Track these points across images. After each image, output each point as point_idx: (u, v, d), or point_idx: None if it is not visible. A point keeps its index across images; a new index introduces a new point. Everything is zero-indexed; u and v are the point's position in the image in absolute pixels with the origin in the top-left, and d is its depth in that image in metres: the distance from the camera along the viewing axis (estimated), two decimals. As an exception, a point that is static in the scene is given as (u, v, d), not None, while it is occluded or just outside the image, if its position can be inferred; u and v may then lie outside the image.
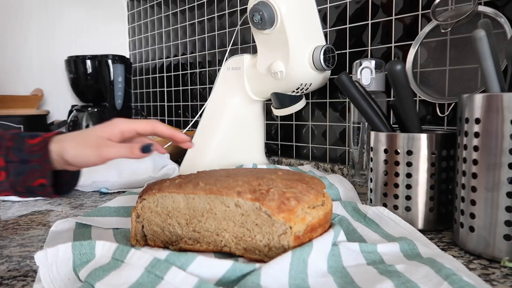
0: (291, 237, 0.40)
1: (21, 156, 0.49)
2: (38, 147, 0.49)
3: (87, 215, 0.60)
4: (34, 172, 0.49)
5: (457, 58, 0.73)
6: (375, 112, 0.61)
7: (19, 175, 0.49)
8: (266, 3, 0.80)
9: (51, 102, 1.68)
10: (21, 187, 0.50)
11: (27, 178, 0.49)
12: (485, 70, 0.47)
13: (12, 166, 0.48)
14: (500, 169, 0.44)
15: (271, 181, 0.45)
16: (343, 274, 0.40)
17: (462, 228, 0.49)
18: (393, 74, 0.54)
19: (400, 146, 0.56)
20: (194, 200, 0.45)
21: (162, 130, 0.53)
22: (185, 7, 1.46)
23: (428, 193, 0.56)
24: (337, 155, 0.99)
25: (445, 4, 0.74)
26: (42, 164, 0.49)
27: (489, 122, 0.45)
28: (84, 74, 1.55)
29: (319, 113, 1.02)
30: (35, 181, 0.49)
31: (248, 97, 0.94)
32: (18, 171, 0.48)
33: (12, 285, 0.40)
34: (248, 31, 1.19)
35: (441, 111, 0.77)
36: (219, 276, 0.37)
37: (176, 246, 0.47)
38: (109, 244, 0.40)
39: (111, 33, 1.80)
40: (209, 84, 1.38)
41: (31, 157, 0.49)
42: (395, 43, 0.84)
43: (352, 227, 0.54)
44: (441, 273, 0.37)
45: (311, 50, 0.82)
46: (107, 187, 0.86)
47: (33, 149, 0.49)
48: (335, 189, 0.72)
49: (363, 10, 0.90)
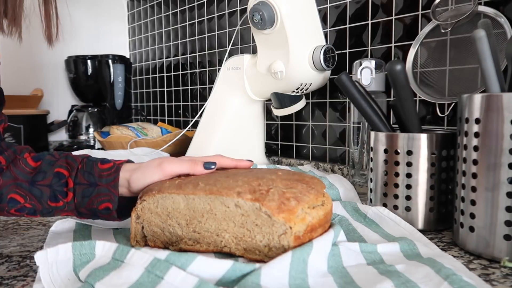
0: (291, 237, 0.40)
1: (90, 179, 0.50)
2: (108, 172, 0.51)
3: (87, 215, 0.60)
4: (100, 196, 0.50)
5: (457, 58, 0.73)
6: (375, 112, 0.61)
7: (85, 197, 0.50)
8: (266, 3, 0.80)
9: (51, 102, 1.68)
10: (86, 209, 0.51)
11: (93, 200, 0.50)
12: (485, 70, 0.47)
13: (80, 188, 0.50)
14: (500, 169, 0.44)
15: (271, 181, 0.45)
16: (343, 274, 0.40)
17: (462, 228, 0.49)
18: (393, 74, 0.54)
19: (400, 146, 0.56)
20: (194, 200, 0.45)
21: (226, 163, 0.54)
22: (185, 7, 1.46)
23: (428, 193, 0.56)
24: (337, 155, 0.99)
25: (445, 4, 0.74)
26: (110, 189, 0.50)
27: (489, 122, 0.45)
28: (84, 74, 1.55)
29: (319, 113, 1.02)
30: (100, 204, 0.50)
31: (248, 97, 0.94)
32: (85, 193, 0.50)
33: (12, 285, 0.40)
34: (248, 31, 1.19)
35: (441, 111, 0.77)
36: (219, 276, 0.37)
37: (176, 247, 0.47)
38: (109, 245, 0.40)
39: (111, 33, 1.80)
40: (209, 84, 1.38)
41: (100, 181, 0.50)
42: (395, 43, 0.84)
43: (352, 227, 0.54)
44: (441, 273, 0.37)
45: (311, 50, 0.82)
46: (107, 187, 0.86)
47: (102, 173, 0.51)
48: (335, 189, 0.72)
49: (363, 10, 0.90)
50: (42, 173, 0.50)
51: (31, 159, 0.51)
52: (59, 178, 0.50)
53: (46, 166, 0.50)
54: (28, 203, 0.50)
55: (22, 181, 0.49)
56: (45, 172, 0.50)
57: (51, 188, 0.50)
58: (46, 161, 0.51)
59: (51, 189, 0.50)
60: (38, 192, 0.49)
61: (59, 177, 0.50)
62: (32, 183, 0.49)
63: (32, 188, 0.49)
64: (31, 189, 0.49)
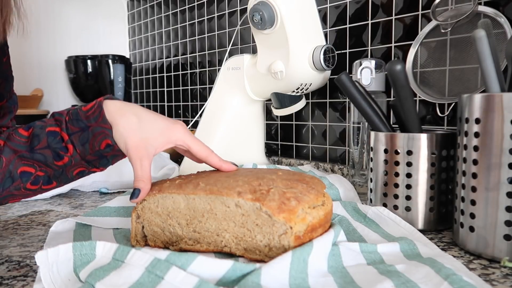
0: (292, 237, 0.40)
1: (80, 124, 0.49)
2: (92, 111, 0.49)
3: (87, 215, 0.60)
4: (96, 136, 0.49)
5: (457, 58, 0.73)
6: (375, 112, 0.61)
7: (85, 144, 0.49)
8: (266, 3, 0.80)
9: (51, 102, 1.68)
10: (91, 155, 0.50)
11: (93, 143, 0.49)
12: (485, 70, 0.47)
13: (76, 137, 0.49)
14: (500, 169, 0.44)
15: (271, 181, 0.45)
16: (343, 274, 0.40)
17: (462, 228, 0.49)
18: (393, 74, 0.54)
19: (400, 146, 0.56)
20: (194, 200, 0.45)
21: (214, 162, 0.52)
22: (185, 7, 1.46)
23: (428, 193, 0.56)
24: (337, 155, 0.99)
25: (445, 4, 0.74)
26: (100, 125, 0.49)
27: (489, 122, 0.45)
28: (84, 74, 1.55)
29: (319, 113, 1.02)
30: (101, 144, 0.49)
31: (248, 97, 0.94)
32: (82, 140, 0.49)
33: (12, 285, 0.40)
34: (248, 31, 1.19)
35: (441, 111, 0.77)
36: (220, 276, 0.37)
37: (176, 247, 0.47)
38: (110, 245, 0.40)
39: (111, 33, 1.80)
40: (209, 84, 1.38)
41: (89, 122, 0.49)
42: (395, 43, 0.84)
43: (352, 227, 0.54)
44: (441, 273, 0.37)
45: (311, 50, 0.82)
46: (107, 187, 0.86)
47: (88, 114, 0.49)
48: (335, 189, 0.72)
49: (363, 10, 0.90)
50: (36, 137, 0.49)
51: (22, 129, 0.51)
52: (53, 137, 0.49)
53: (38, 130, 0.50)
54: (39, 171, 0.50)
55: (22, 151, 0.49)
56: (38, 136, 0.49)
57: (50, 148, 0.49)
58: (37, 126, 0.51)
59: (51, 149, 0.49)
60: (41, 156, 0.49)
61: (53, 136, 0.49)
62: (31, 150, 0.49)
63: (33, 155, 0.49)
64: (33, 156, 0.49)
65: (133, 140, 0.48)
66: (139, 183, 0.47)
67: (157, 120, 0.50)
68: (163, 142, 0.49)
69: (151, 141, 0.49)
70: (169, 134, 0.50)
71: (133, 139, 0.48)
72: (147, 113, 0.50)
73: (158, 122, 0.50)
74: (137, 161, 0.48)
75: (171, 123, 0.51)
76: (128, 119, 0.49)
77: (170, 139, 0.50)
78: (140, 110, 0.51)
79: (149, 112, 0.51)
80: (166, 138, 0.49)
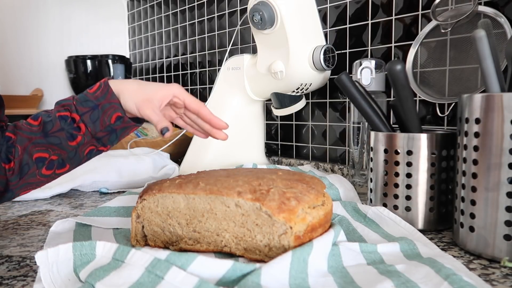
0: (292, 237, 0.40)
1: (89, 104, 0.54)
2: (100, 90, 0.55)
3: (87, 215, 0.60)
4: (106, 112, 0.54)
5: (457, 58, 0.73)
6: (375, 112, 0.61)
7: (95, 121, 0.54)
8: (266, 3, 0.80)
9: (51, 102, 1.68)
10: (102, 132, 0.55)
11: (103, 119, 0.54)
12: (485, 70, 0.47)
13: (87, 116, 0.54)
14: (500, 169, 0.44)
15: (271, 181, 0.45)
16: (343, 274, 0.40)
17: (462, 228, 0.49)
18: (393, 74, 0.54)
19: (400, 146, 0.56)
20: (194, 200, 0.45)
21: (204, 113, 0.59)
22: (185, 7, 1.46)
23: (428, 193, 0.56)
24: (337, 155, 0.99)
25: (445, 4, 0.74)
26: (110, 101, 0.54)
27: (489, 122, 0.45)
28: (84, 74, 1.55)
29: (319, 113, 1.02)
30: (111, 118, 0.54)
31: (248, 97, 0.94)
32: (93, 118, 0.54)
33: (12, 285, 0.40)
34: (248, 31, 1.19)
35: (441, 111, 0.77)
36: (220, 276, 0.37)
37: (176, 246, 0.47)
38: (110, 245, 0.40)
39: (111, 33, 1.80)
40: (209, 84, 1.38)
41: (98, 100, 0.54)
42: (395, 43, 0.84)
43: (352, 227, 0.54)
44: (441, 273, 0.37)
45: (311, 50, 0.82)
46: (107, 187, 0.86)
47: (96, 94, 0.54)
48: (335, 189, 0.72)
49: (363, 10, 0.90)
50: (49, 123, 0.54)
51: (31, 119, 0.55)
52: (65, 120, 0.54)
53: (47, 118, 0.54)
54: (53, 155, 0.54)
55: (37, 138, 0.53)
56: (50, 121, 0.54)
57: (64, 130, 0.53)
58: (44, 115, 0.55)
59: (64, 131, 0.53)
60: (56, 139, 0.53)
61: (64, 119, 0.54)
62: (45, 135, 0.53)
63: (49, 139, 0.53)
64: (48, 140, 0.53)
65: (140, 97, 0.54)
66: (162, 123, 0.54)
67: (154, 83, 0.58)
68: (163, 94, 0.56)
69: (154, 95, 0.55)
70: (167, 88, 0.57)
71: (140, 97, 0.54)
72: (144, 81, 0.58)
73: (155, 84, 0.58)
74: (149, 110, 0.54)
75: (168, 84, 0.58)
76: (131, 85, 0.56)
77: (168, 92, 0.56)
78: (138, 80, 0.58)
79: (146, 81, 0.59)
80: (165, 91, 0.56)
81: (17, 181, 0.53)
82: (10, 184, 0.53)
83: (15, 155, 0.52)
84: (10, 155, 0.53)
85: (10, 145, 0.53)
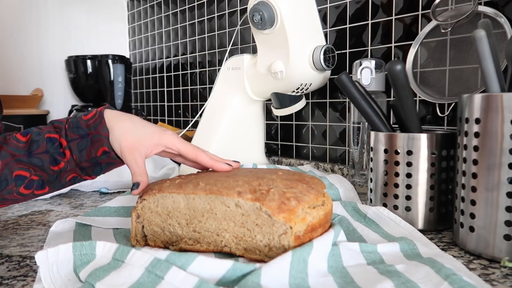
0: (292, 237, 0.40)
1: (80, 132, 0.52)
2: (93, 119, 0.53)
3: (87, 215, 0.60)
4: (94, 143, 0.52)
5: (457, 58, 0.73)
6: (375, 112, 0.61)
7: (82, 150, 0.52)
8: (266, 3, 0.80)
9: (51, 102, 1.68)
10: (87, 162, 0.53)
11: (90, 150, 0.52)
12: (485, 70, 0.47)
13: (74, 143, 0.52)
14: (500, 169, 0.44)
15: (271, 181, 0.45)
16: (343, 274, 0.40)
17: (462, 228, 0.49)
18: (393, 74, 0.54)
19: (400, 146, 0.56)
20: (194, 200, 0.45)
21: (203, 161, 0.54)
22: (185, 7, 1.46)
23: (428, 193, 0.56)
24: (337, 155, 0.99)
25: (445, 4, 0.74)
26: (100, 133, 0.52)
27: (489, 122, 0.45)
28: (84, 74, 1.55)
29: (319, 113, 1.02)
30: (97, 151, 0.52)
31: (248, 97, 0.94)
32: (80, 147, 0.52)
33: (12, 285, 0.40)
34: (248, 31, 1.19)
35: (441, 111, 0.77)
36: (220, 276, 0.37)
37: (176, 247, 0.47)
38: (110, 245, 0.40)
39: (111, 33, 1.80)
40: (209, 84, 1.38)
41: (89, 130, 0.52)
42: (395, 43, 0.84)
43: (352, 227, 0.54)
44: (441, 273, 0.37)
45: (311, 50, 0.82)
46: (107, 187, 0.86)
47: (89, 122, 0.53)
48: (335, 189, 0.72)
49: (363, 10, 0.90)
50: (35, 142, 0.51)
51: (20, 135, 0.53)
52: (52, 142, 0.52)
53: (36, 136, 0.52)
54: (34, 175, 0.51)
55: (20, 156, 0.51)
56: (37, 141, 0.52)
57: (49, 153, 0.51)
58: (34, 133, 0.53)
59: (49, 154, 0.51)
60: (38, 161, 0.51)
61: (52, 142, 0.52)
62: (29, 154, 0.51)
63: (31, 159, 0.51)
64: (31, 160, 0.51)
65: (127, 142, 0.52)
66: (137, 177, 0.51)
67: (149, 126, 0.54)
68: (153, 143, 0.53)
69: (143, 142, 0.52)
70: (159, 137, 0.53)
71: (127, 141, 0.52)
72: (140, 120, 0.55)
73: (149, 127, 0.54)
74: (132, 160, 0.51)
75: (162, 130, 0.55)
76: (123, 124, 0.53)
77: (160, 141, 0.53)
78: (134, 117, 0.55)
79: (142, 120, 0.55)
80: (156, 140, 0.53)
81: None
82: None
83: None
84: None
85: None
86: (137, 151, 0.51)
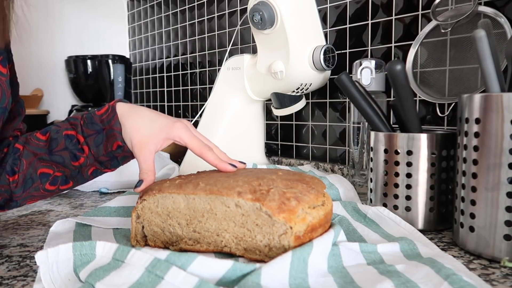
0: (292, 237, 0.40)
1: (95, 127, 0.54)
2: (106, 115, 0.54)
3: (87, 215, 0.60)
4: (109, 138, 0.54)
5: (457, 58, 0.73)
6: (375, 112, 0.61)
7: (99, 145, 0.54)
8: (266, 3, 0.80)
9: (51, 102, 1.68)
10: (104, 156, 0.55)
11: (106, 145, 0.54)
12: (485, 70, 0.47)
13: (91, 139, 0.54)
14: (500, 169, 0.44)
15: (271, 181, 0.45)
16: (343, 274, 0.40)
17: (462, 228, 0.49)
18: (393, 74, 0.54)
19: (400, 146, 0.56)
20: (194, 200, 0.45)
21: (208, 159, 0.53)
22: (185, 7, 1.46)
23: (428, 193, 0.56)
24: (337, 155, 0.99)
25: (445, 4, 0.74)
26: (113, 128, 0.54)
27: (489, 122, 0.45)
28: (84, 74, 1.55)
29: (319, 113, 1.02)
30: (112, 145, 0.54)
31: (248, 97, 0.94)
32: (96, 142, 0.54)
33: (12, 285, 0.40)
34: (248, 31, 1.19)
35: (441, 111, 0.77)
36: (220, 276, 0.37)
37: (176, 247, 0.47)
38: (110, 245, 0.40)
39: (111, 33, 1.80)
40: (209, 84, 1.38)
41: (103, 125, 0.54)
42: (395, 43, 0.84)
43: (352, 227, 0.54)
44: (441, 273, 0.37)
45: (311, 50, 0.82)
46: (107, 187, 0.86)
47: (103, 118, 0.54)
48: (335, 189, 0.72)
49: (363, 10, 0.90)
50: (54, 140, 0.54)
51: (40, 134, 0.55)
52: (70, 139, 0.54)
53: (55, 134, 0.55)
54: (57, 172, 0.55)
55: (42, 154, 0.54)
56: (56, 139, 0.54)
57: (68, 150, 0.54)
58: (53, 131, 0.55)
59: (68, 151, 0.54)
60: (59, 158, 0.54)
61: (70, 138, 0.54)
62: (50, 152, 0.54)
63: (52, 157, 0.54)
64: (52, 157, 0.54)
65: (137, 138, 0.53)
66: (143, 175, 0.52)
67: (159, 119, 0.54)
68: (162, 138, 0.53)
69: (152, 138, 0.53)
70: (167, 130, 0.53)
71: (137, 137, 0.53)
72: (150, 113, 0.55)
73: (159, 120, 0.54)
74: (140, 156, 0.52)
75: (172, 121, 0.54)
76: (133, 120, 0.54)
77: (168, 136, 0.53)
78: (145, 111, 0.55)
79: (153, 112, 0.55)
80: (165, 135, 0.53)
81: (20, 193, 0.54)
82: (14, 196, 0.54)
83: (20, 169, 0.53)
84: (15, 167, 0.54)
85: (16, 158, 0.54)
86: (146, 148, 0.52)
